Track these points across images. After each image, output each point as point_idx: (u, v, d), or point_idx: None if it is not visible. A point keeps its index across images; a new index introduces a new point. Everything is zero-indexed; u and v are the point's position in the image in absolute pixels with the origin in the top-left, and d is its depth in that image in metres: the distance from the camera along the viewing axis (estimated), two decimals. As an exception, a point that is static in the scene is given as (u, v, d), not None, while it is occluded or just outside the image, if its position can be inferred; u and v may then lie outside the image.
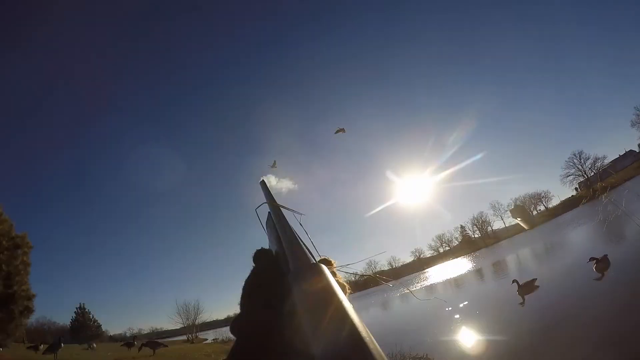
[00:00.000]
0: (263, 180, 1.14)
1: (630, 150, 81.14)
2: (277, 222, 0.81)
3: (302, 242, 0.74)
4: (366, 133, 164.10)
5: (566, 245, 31.71)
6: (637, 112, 71.45)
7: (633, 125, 73.41)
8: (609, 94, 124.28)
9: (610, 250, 14.47)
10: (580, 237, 31.17)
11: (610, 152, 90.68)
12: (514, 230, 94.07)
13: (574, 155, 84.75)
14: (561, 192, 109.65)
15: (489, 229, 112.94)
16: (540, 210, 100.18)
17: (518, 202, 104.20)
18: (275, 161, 77.50)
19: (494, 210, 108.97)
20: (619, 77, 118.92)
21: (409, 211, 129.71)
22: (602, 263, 12.95)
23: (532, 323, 11.21)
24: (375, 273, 1.37)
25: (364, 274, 1.31)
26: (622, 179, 60.19)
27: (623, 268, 12.67)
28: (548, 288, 14.77)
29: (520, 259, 37.90)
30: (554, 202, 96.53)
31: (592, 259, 13.33)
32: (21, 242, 19.25)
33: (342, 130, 60.88)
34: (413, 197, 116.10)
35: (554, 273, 18.63)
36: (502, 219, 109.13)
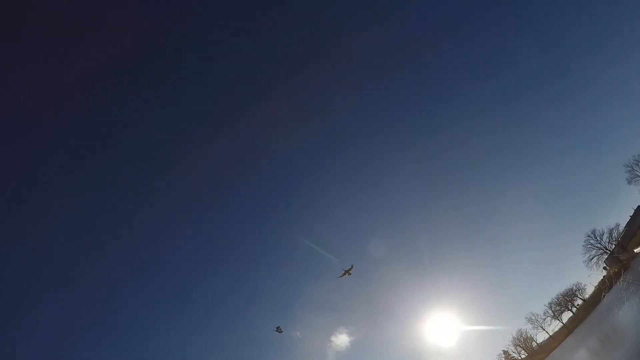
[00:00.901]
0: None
1: (638, 205, 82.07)
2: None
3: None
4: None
5: (618, 332, 30.77)
6: (629, 168, 75.45)
7: (629, 182, 76.35)
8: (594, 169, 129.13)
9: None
10: (625, 320, 30.46)
11: (621, 217, 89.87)
12: (561, 337, 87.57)
13: (589, 236, 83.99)
14: (591, 276, 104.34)
15: (534, 344, 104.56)
16: (578, 305, 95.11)
17: (553, 305, 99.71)
18: (279, 327, 75.58)
19: (532, 324, 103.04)
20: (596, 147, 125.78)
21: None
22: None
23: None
24: None
25: None
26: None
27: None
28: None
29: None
30: (589, 290, 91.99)
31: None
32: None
33: (349, 271, 61.44)
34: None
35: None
36: (544, 329, 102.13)
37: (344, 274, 59.49)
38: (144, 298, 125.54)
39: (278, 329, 74.89)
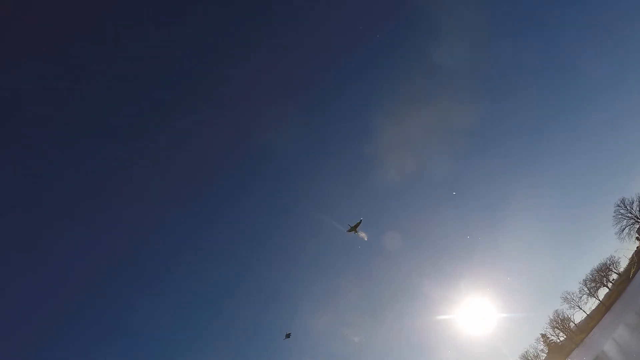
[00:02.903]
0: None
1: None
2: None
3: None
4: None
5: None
6: None
7: None
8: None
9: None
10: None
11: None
12: (598, 315, 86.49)
13: (618, 206, 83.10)
14: (624, 249, 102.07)
15: (572, 324, 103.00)
16: (613, 279, 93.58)
17: (588, 282, 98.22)
18: (289, 333, 77.18)
19: (568, 303, 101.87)
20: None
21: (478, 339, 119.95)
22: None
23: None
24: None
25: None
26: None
27: None
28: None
29: (619, 341, 35.34)
30: (623, 262, 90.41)
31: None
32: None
33: (357, 227, 61.11)
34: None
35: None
36: (581, 308, 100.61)
37: (352, 230, 55.54)
38: (151, 289, 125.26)
39: (288, 335, 78.37)
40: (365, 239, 64.82)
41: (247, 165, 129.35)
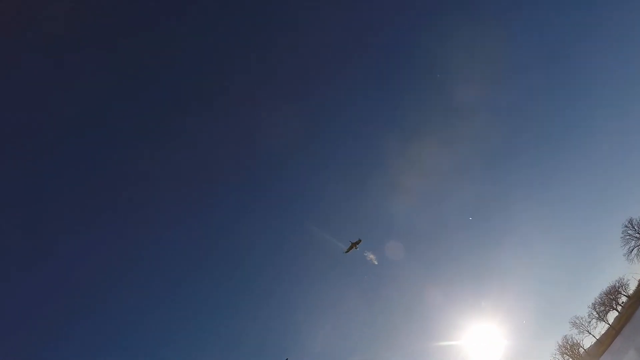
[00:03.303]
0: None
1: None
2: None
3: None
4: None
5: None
6: None
7: None
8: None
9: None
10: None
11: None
12: (608, 339, 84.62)
13: (626, 226, 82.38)
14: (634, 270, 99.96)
15: (581, 350, 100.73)
16: (622, 302, 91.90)
17: (597, 306, 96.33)
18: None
19: (577, 328, 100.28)
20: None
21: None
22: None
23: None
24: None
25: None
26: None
27: None
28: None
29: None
30: (633, 284, 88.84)
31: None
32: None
33: (356, 245, 60.26)
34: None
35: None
36: (590, 333, 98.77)
37: (351, 248, 57.38)
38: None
39: None
40: (376, 263, 64.98)
41: (250, 180, 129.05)
